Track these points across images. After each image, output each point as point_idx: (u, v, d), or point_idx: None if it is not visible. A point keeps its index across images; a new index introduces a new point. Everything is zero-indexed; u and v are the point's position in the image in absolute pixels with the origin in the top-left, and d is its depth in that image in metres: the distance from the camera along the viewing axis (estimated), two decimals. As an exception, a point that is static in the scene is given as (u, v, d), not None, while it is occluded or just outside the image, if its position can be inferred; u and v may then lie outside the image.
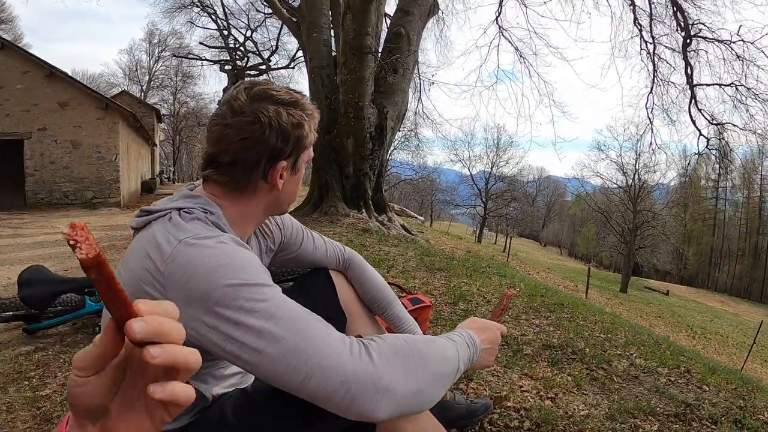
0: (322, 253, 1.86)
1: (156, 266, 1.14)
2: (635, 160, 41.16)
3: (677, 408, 2.91)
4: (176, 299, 1.05)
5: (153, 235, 1.19)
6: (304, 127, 1.36)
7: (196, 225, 1.22)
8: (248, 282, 1.11)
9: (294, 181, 1.44)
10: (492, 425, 2.40)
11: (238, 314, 1.08)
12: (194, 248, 1.14)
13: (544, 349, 3.69)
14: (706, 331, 25.40)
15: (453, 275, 6.14)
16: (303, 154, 1.41)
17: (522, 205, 60.81)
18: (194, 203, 1.30)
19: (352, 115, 9.65)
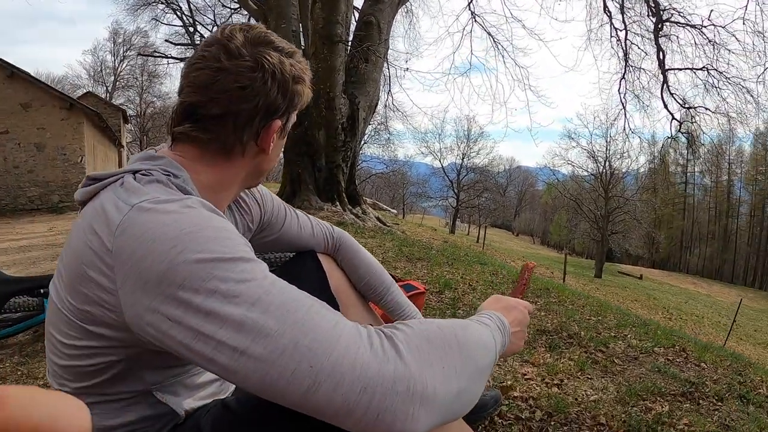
0: (308, 234, 1.60)
1: (101, 242, 0.87)
2: (606, 147, 41.64)
3: (682, 387, 2.86)
4: (128, 283, 0.82)
5: (100, 204, 0.92)
6: (304, 81, 1.12)
7: (155, 187, 0.95)
8: (224, 256, 0.82)
9: (280, 147, 1.19)
10: (502, 418, 2.23)
11: (211, 300, 0.78)
12: (150, 214, 0.86)
13: (540, 334, 3.58)
14: (682, 312, 25.88)
15: (434, 264, 6.03)
16: (293, 115, 1.15)
17: (494, 196, 61.36)
18: (154, 164, 1.02)
19: (324, 106, 9.48)
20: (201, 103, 1.03)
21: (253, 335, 0.77)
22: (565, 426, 2.23)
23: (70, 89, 44.69)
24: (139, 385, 1.02)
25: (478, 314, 1.12)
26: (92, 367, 0.95)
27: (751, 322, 29.53)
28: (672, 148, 39.13)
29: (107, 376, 0.97)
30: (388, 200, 53.71)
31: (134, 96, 51.59)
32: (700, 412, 2.57)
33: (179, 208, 0.87)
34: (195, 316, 0.78)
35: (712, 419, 2.50)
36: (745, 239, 65.78)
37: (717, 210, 69.53)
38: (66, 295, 0.92)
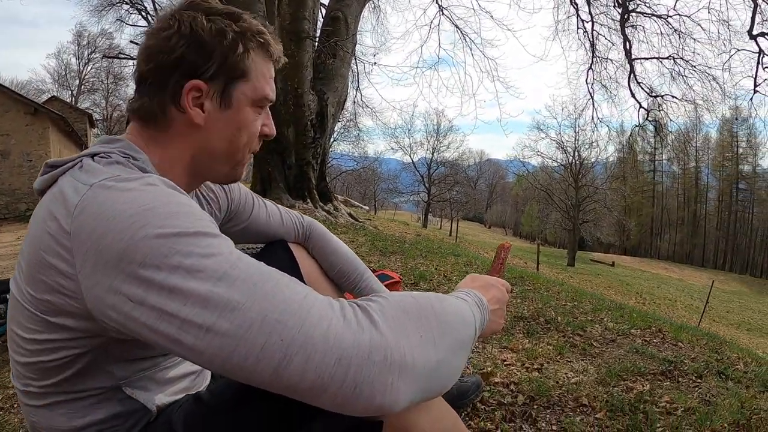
0: (277, 223, 1.55)
1: (59, 224, 0.81)
2: (575, 137, 42.11)
3: (661, 366, 2.89)
4: (87, 265, 0.76)
5: (59, 189, 0.87)
6: (227, 36, 0.99)
7: (115, 168, 0.90)
8: (186, 230, 0.77)
9: (228, 121, 1.04)
10: (484, 404, 2.20)
11: (174, 277, 0.73)
12: (110, 191, 0.81)
13: (517, 320, 3.58)
14: (655, 296, 26.40)
15: (408, 257, 6.02)
16: (239, 82, 1.03)
17: (465, 189, 61.68)
18: (112, 147, 0.97)
19: (292, 103, 9.40)
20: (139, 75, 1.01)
21: (219, 310, 0.71)
22: (548, 409, 2.21)
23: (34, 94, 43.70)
24: (106, 380, 0.95)
25: (455, 291, 1.07)
26: (56, 362, 0.89)
27: (723, 303, 30.23)
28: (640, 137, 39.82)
29: (73, 371, 0.91)
30: (359, 197, 53.70)
31: (100, 99, 50.77)
32: (681, 390, 2.59)
33: (140, 186, 0.82)
34: (158, 294, 0.73)
35: (693, 396, 2.52)
36: (714, 224, 67.30)
37: (685, 196, 71.02)
38: (26, 287, 0.86)
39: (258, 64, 1.05)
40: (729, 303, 31.53)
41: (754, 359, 3.51)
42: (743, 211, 66.54)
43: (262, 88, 1.06)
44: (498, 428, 1.94)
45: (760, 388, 2.76)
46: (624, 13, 13.78)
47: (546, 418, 2.14)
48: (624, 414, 2.18)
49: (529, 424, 2.08)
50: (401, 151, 55.05)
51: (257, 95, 1.06)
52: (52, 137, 18.76)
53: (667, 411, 2.28)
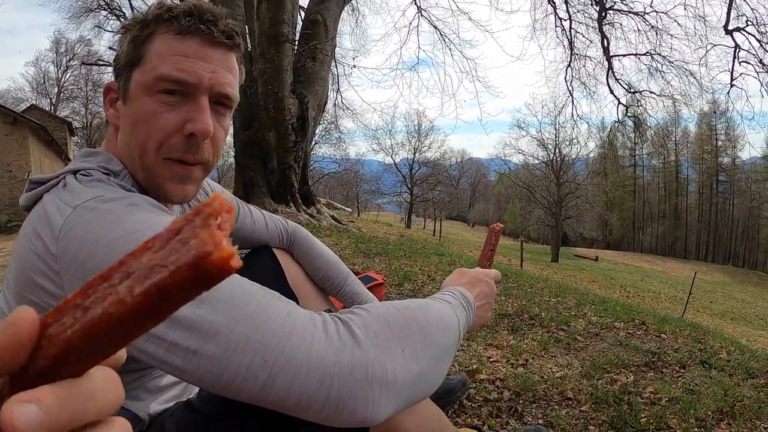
0: (262, 229, 1.56)
1: (46, 246, 0.82)
2: (555, 134, 42.37)
3: (645, 357, 2.94)
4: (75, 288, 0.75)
5: (43, 208, 0.87)
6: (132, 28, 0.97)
7: (97, 187, 0.88)
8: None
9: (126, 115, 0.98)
10: (471, 401, 2.23)
11: None
12: (93, 213, 0.81)
13: (502, 318, 3.60)
14: (639, 289, 26.55)
15: (392, 258, 6.02)
16: (134, 71, 0.96)
17: (447, 188, 61.76)
18: (92, 162, 0.96)
19: (273, 107, 9.36)
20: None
21: (204, 334, 0.72)
22: (534, 403, 2.24)
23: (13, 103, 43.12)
24: None
25: (441, 291, 1.08)
26: None
27: (707, 294, 30.52)
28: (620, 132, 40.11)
29: None
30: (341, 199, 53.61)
31: (79, 107, 50.12)
32: (665, 380, 2.64)
33: (122, 207, 0.82)
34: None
35: (677, 385, 2.56)
36: (695, 216, 68.09)
37: (666, 189, 71.67)
38: (15, 305, 0.87)
39: (159, 44, 0.95)
40: (712, 293, 31.84)
41: (737, 348, 3.58)
42: (724, 203, 67.42)
43: (156, 68, 0.94)
44: (485, 424, 1.96)
45: (743, 376, 2.83)
46: (601, 11, 13.89)
47: (532, 412, 2.16)
48: (609, 406, 2.21)
49: (515, 418, 2.10)
50: (383, 152, 55.10)
51: (150, 77, 0.94)
52: (32, 147, 18.57)
53: (651, 401, 2.32)
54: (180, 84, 0.94)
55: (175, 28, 0.94)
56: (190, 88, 0.94)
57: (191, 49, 0.94)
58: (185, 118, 0.95)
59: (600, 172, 49.56)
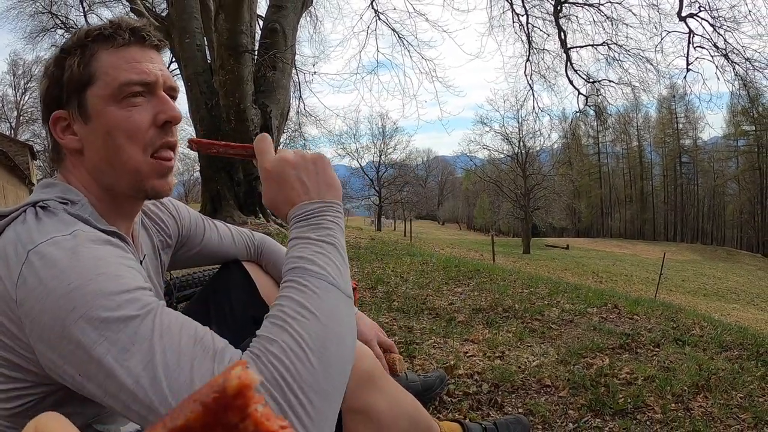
0: (230, 243, 1.56)
1: (7, 291, 0.84)
2: (518, 128, 42.73)
3: (619, 340, 2.99)
4: (33, 336, 0.81)
5: (4, 247, 0.89)
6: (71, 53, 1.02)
7: (50, 224, 0.91)
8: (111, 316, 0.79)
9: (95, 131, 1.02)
10: (450, 396, 2.25)
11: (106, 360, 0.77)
12: (42, 263, 0.83)
13: (476, 313, 3.63)
14: (611, 274, 26.94)
15: (364, 262, 6.03)
16: (88, 89, 1.01)
17: (415, 188, 62.03)
18: (52, 193, 1.00)
19: (234, 119, 9.27)
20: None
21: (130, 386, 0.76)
22: (513, 393, 2.26)
23: None
24: (77, 419, 0.91)
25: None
26: (20, 408, 0.92)
27: (678, 273, 31.03)
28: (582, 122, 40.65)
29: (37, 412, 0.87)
30: (310, 206, 53.57)
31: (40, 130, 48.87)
32: (640, 360, 2.70)
33: (67, 254, 0.84)
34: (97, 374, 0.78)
35: (652, 364, 2.63)
36: (662, 198, 69.43)
37: (631, 174, 72.92)
38: None
39: (106, 59, 1.01)
40: (684, 272, 32.37)
41: (709, 323, 3.67)
42: (688, 184, 68.89)
43: (117, 78, 1.00)
44: (466, 417, 1.97)
45: (716, 350, 2.93)
46: (557, 5, 14.05)
47: (512, 402, 2.19)
48: (586, 389, 2.25)
49: (495, 410, 2.13)
50: (348, 156, 54.97)
51: (113, 87, 1.00)
52: (-6, 173, 18.31)
53: (628, 381, 2.37)
54: (143, 85, 1.01)
55: (118, 42, 1.01)
56: (150, 87, 1.03)
57: (138, 55, 1.03)
58: (155, 112, 1.03)
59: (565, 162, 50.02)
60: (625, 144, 72.69)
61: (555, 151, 49.18)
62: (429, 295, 4.15)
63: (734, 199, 62.66)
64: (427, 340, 2.96)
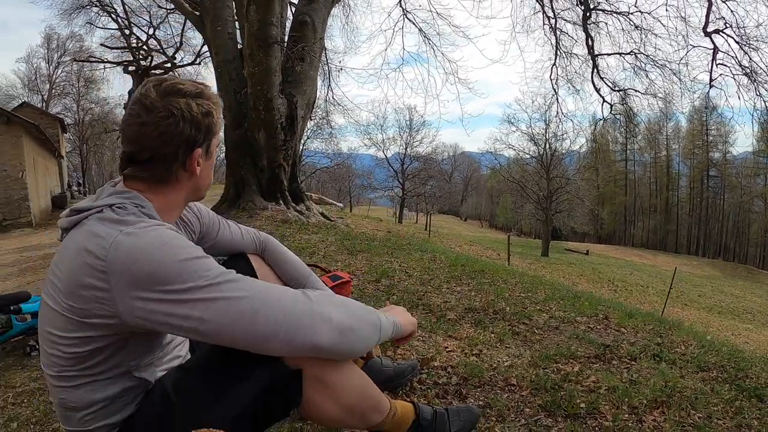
0: (239, 239, 1.95)
1: (96, 257, 1.20)
2: (545, 129, 42.35)
3: (597, 350, 3.11)
4: (121, 283, 1.17)
5: (89, 230, 1.25)
6: (213, 115, 1.43)
7: (130, 217, 1.29)
8: (191, 256, 1.24)
9: (208, 166, 1.50)
10: (421, 384, 2.49)
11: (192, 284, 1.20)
12: (134, 237, 1.22)
13: (467, 312, 3.81)
14: (627, 283, 26.67)
15: (374, 255, 6.21)
16: (214, 139, 1.47)
17: (439, 183, 61.83)
18: (124, 199, 1.35)
19: (262, 108, 9.46)
20: (135, 151, 1.36)
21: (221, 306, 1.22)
22: (478, 388, 2.48)
23: (4, 100, 42.49)
24: (121, 366, 1.35)
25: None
26: (86, 352, 1.27)
27: (696, 288, 30.67)
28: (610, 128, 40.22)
29: (98, 359, 1.30)
30: (334, 194, 53.65)
31: (71, 104, 49.40)
32: (611, 371, 2.81)
33: (151, 230, 1.25)
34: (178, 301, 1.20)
35: (621, 376, 2.73)
36: (686, 210, 68.44)
37: (658, 184, 72.02)
38: (65, 300, 1.23)
39: (220, 121, 1.48)
40: (701, 287, 32.01)
41: (698, 342, 3.65)
42: (714, 198, 67.82)
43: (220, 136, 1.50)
44: (430, 403, 2.19)
45: (693, 369, 2.97)
46: (586, 11, 14.05)
47: (475, 395, 2.40)
48: (546, 391, 2.43)
49: (458, 399, 2.35)
50: (374, 147, 54.94)
51: (219, 141, 1.52)
52: (25, 145, 18.57)
53: (590, 389, 2.52)
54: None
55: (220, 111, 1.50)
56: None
57: None
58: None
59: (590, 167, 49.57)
60: (653, 152, 71.84)
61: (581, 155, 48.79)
62: (428, 292, 4.35)
63: (760, 217, 61.49)
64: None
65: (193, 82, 1.45)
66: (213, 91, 1.47)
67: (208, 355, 1.42)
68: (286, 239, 7.03)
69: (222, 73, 10.39)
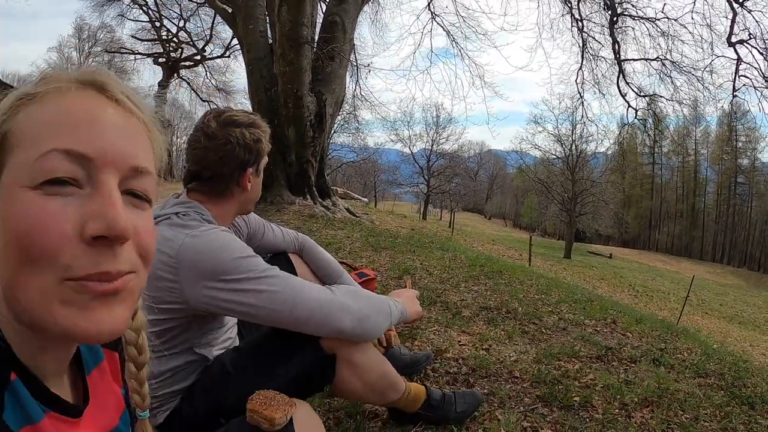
0: (280, 240, 2.31)
1: (168, 255, 1.51)
2: (571, 131, 42.03)
3: (599, 351, 3.30)
4: (189, 275, 1.52)
5: (161, 234, 1.47)
6: (262, 141, 1.79)
7: (194, 222, 1.62)
8: (245, 255, 1.57)
9: (257, 182, 1.85)
10: (434, 372, 2.81)
11: (244, 276, 1.53)
12: (198, 239, 1.54)
13: (481, 310, 4.05)
14: (648, 289, 26.27)
15: (398, 252, 6.44)
16: (262, 160, 1.83)
17: (464, 180, 61.44)
18: (187, 208, 1.68)
19: (292, 105, 9.74)
20: (198, 170, 1.73)
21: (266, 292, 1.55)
22: (485, 378, 2.76)
23: None
24: (185, 343, 1.67)
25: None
26: (158, 332, 1.55)
27: (718, 297, 30.15)
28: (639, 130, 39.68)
29: (167, 337, 1.61)
30: (359, 188, 53.63)
31: (102, 93, 50.21)
32: (609, 371, 2.99)
33: (211, 233, 1.59)
34: (236, 286, 1.53)
35: (618, 376, 2.90)
36: (713, 217, 67.44)
37: (684, 189, 71.15)
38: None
39: (267, 145, 1.84)
40: (724, 296, 31.51)
41: (703, 350, 3.70)
42: (741, 205, 66.90)
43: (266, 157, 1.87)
44: (441, 388, 2.43)
45: (691, 375, 3.07)
46: (613, 16, 14.13)
47: (481, 384, 2.69)
48: (545, 384, 2.69)
49: (466, 387, 2.64)
50: (401, 143, 54.73)
51: (265, 161, 1.87)
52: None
53: (587, 385, 2.74)
54: None
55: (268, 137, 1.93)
56: None
57: None
58: None
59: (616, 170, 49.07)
60: (681, 156, 70.93)
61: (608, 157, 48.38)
62: (446, 290, 4.59)
63: (787, 227, 60.70)
64: (430, 328, 3.48)
65: (245, 112, 1.82)
66: (262, 120, 1.83)
67: (260, 339, 1.78)
68: (313, 234, 7.26)
69: (253, 70, 10.66)
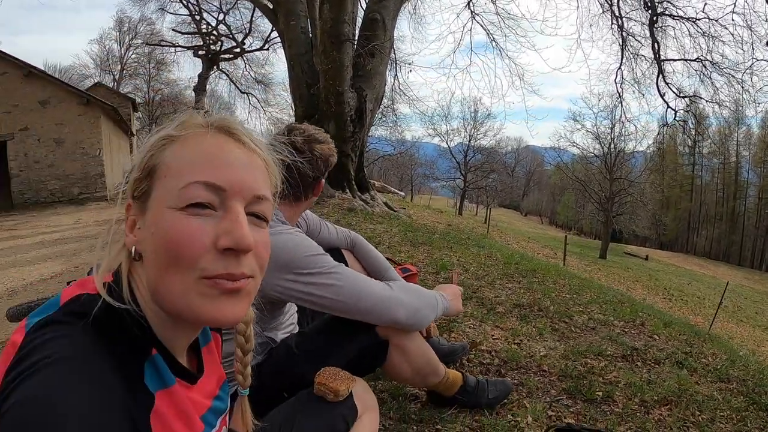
0: (335, 237, 2.58)
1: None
2: (611, 129, 41.40)
3: (625, 351, 3.41)
4: (276, 274, 1.80)
5: None
6: (334, 154, 2.09)
7: (277, 224, 1.90)
8: (316, 253, 1.85)
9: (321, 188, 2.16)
10: (469, 362, 3.06)
11: (316, 271, 1.80)
12: (276, 237, 1.76)
13: (514, 307, 4.24)
14: (683, 293, 25.78)
15: (435, 248, 6.66)
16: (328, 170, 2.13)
17: (501, 176, 61.21)
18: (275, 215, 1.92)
19: (333, 101, 9.98)
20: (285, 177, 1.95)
21: (336, 286, 1.82)
22: (515, 370, 2.98)
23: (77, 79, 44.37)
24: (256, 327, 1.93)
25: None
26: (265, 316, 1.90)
27: (754, 304, 29.32)
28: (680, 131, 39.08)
29: None
30: (396, 182, 53.86)
31: (141, 84, 50.86)
32: (633, 370, 3.09)
33: (286, 233, 1.87)
34: (306, 281, 1.81)
35: (641, 376, 3.00)
36: (753, 221, 65.65)
37: (725, 192, 69.51)
38: None
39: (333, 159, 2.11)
40: (761, 304, 30.62)
41: (729, 357, 3.65)
42: (784, 210, 65.24)
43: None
44: (476, 377, 2.61)
45: (712, 379, 3.10)
46: (653, 15, 14.04)
47: (512, 375, 2.91)
48: (571, 379, 2.88)
49: (498, 376, 2.87)
50: (438, 137, 54.37)
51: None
52: (103, 126, 19.76)
53: (610, 382, 2.87)
54: None
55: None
56: None
57: None
58: None
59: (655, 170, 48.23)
60: (722, 158, 69.31)
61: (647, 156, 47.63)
62: (482, 287, 4.81)
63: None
64: (465, 322, 3.72)
65: (318, 130, 2.09)
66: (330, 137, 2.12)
67: (322, 326, 2.01)
68: (353, 228, 7.36)
69: (294, 65, 10.91)
